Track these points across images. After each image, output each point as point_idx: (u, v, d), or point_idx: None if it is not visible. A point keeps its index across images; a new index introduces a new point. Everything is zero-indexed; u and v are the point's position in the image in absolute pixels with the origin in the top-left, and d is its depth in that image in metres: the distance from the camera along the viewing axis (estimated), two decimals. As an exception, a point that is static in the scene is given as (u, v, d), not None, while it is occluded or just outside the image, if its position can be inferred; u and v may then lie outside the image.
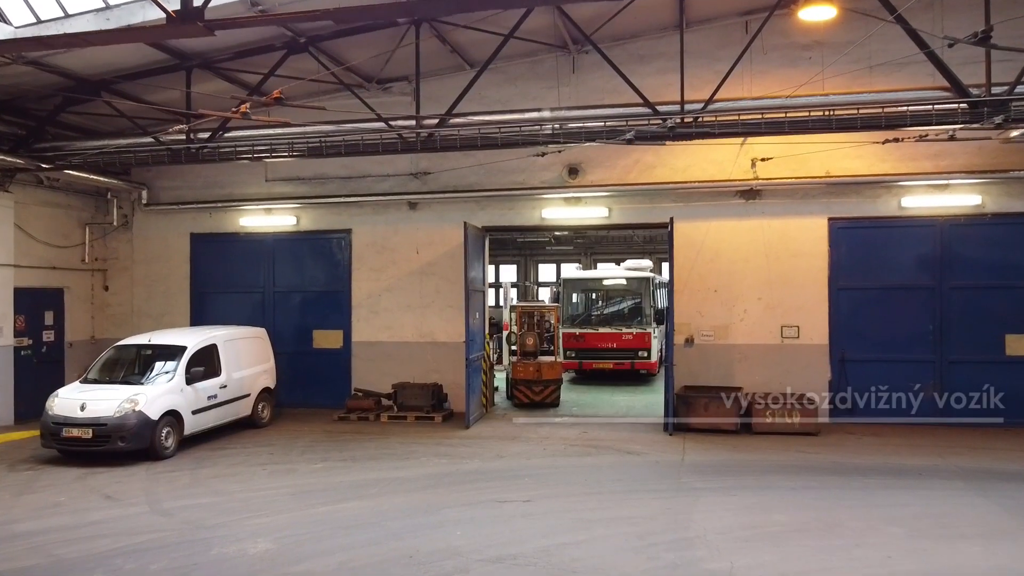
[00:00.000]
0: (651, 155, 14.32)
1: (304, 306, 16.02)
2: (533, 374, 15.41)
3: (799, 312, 13.80)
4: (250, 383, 13.25)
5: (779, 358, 13.85)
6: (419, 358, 15.23)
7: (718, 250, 14.10)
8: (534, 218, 14.94)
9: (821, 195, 13.74)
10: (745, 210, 14.01)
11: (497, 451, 11.45)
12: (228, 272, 16.36)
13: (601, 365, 18.94)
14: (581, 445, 11.82)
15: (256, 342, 13.79)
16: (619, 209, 14.60)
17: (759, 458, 10.90)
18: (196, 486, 9.67)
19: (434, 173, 15.08)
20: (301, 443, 12.22)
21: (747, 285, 13.99)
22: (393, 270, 15.45)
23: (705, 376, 14.02)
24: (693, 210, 14.03)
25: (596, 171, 14.54)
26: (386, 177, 15.37)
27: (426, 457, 11.09)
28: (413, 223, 15.34)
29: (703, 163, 14.09)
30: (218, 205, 16.08)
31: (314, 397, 15.63)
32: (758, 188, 13.82)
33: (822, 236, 13.74)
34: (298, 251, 16.08)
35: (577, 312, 20.37)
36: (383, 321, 15.47)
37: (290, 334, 15.90)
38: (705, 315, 14.16)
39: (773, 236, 13.90)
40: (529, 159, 14.65)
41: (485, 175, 14.89)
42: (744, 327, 14.01)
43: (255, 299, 16.18)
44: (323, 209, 15.79)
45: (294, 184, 15.83)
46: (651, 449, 11.49)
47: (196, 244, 16.46)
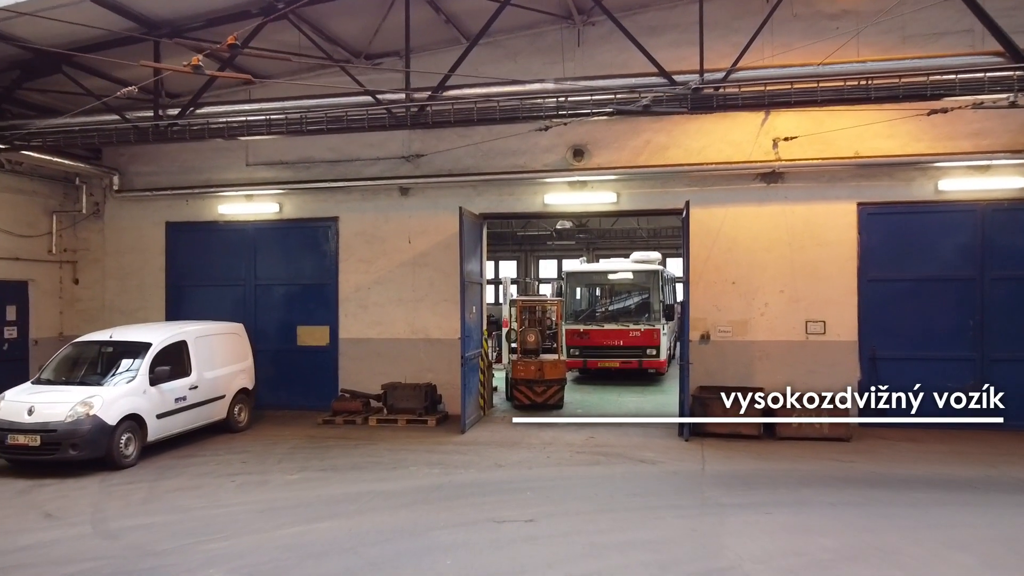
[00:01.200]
0: (663, 136, 13.17)
1: (288, 300, 14.86)
2: (534, 374, 14.25)
3: (825, 306, 12.64)
4: (225, 383, 12.09)
5: (803, 356, 12.68)
6: (411, 356, 14.08)
7: (736, 238, 12.94)
8: (536, 204, 13.77)
9: (850, 178, 12.57)
10: (766, 195, 12.84)
11: (495, 459, 10.29)
12: (206, 264, 15.21)
13: (607, 364, 17.77)
14: (588, 452, 10.66)
15: (232, 339, 12.62)
16: (628, 194, 13.43)
17: (788, 468, 9.74)
18: (153, 501, 8.51)
19: (427, 156, 13.91)
20: (279, 450, 11.06)
21: (768, 277, 12.83)
22: (383, 261, 14.29)
23: (722, 375, 12.84)
24: (709, 195, 12.87)
25: (603, 153, 13.38)
26: (376, 161, 14.22)
27: (416, 466, 9.93)
28: (405, 210, 14.18)
29: (720, 144, 12.94)
30: (195, 191, 14.92)
31: (298, 398, 14.49)
32: (781, 170, 12.65)
33: (851, 223, 12.57)
34: (281, 241, 14.92)
35: (581, 307, 19.21)
36: (372, 316, 14.32)
37: (273, 330, 14.77)
38: (722, 309, 12.99)
39: (797, 223, 12.73)
40: (530, 140, 13.52)
41: (482, 158, 13.75)
42: (765, 322, 12.84)
43: (235, 293, 15.03)
44: (308, 195, 14.63)
45: (277, 169, 14.67)
46: (666, 457, 10.33)
47: (172, 234, 15.30)
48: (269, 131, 11.57)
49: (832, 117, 12.44)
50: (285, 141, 14.49)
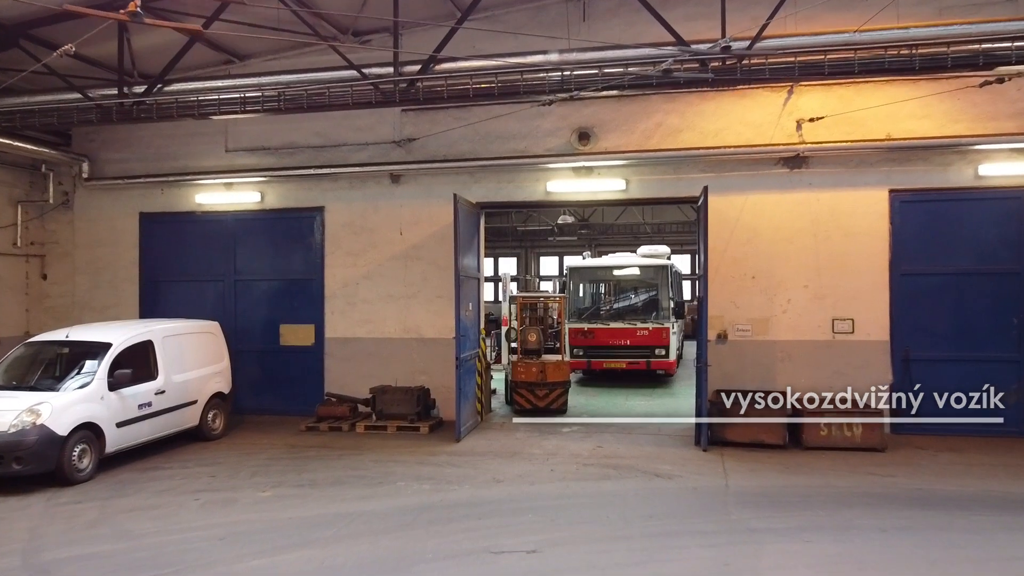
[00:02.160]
0: (676, 117, 12.10)
1: (270, 297, 13.79)
2: (536, 375, 13.19)
3: (854, 302, 11.57)
4: (197, 387, 11.03)
5: (829, 357, 11.61)
6: (403, 357, 13.01)
7: (756, 229, 11.87)
8: (537, 192, 12.69)
9: (881, 162, 11.49)
10: (789, 181, 11.77)
11: (493, 473, 9.23)
12: (183, 258, 14.13)
13: (613, 364, 16.71)
14: (597, 464, 9.60)
15: (206, 338, 11.56)
16: (638, 181, 12.36)
17: (821, 484, 8.67)
18: (101, 524, 7.45)
19: (420, 140, 12.85)
20: (254, 461, 10.00)
21: (791, 270, 11.76)
22: (373, 254, 13.22)
23: (740, 378, 11.78)
24: (726, 181, 11.80)
25: (611, 136, 12.31)
26: (365, 146, 13.16)
27: (405, 481, 8.87)
28: (396, 199, 13.11)
29: (738, 126, 11.88)
30: (171, 179, 13.84)
31: (280, 402, 13.44)
32: (805, 154, 11.58)
33: (882, 211, 11.50)
34: (263, 233, 13.84)
35: (585, 305, 18.15)
36: (361, 314, 13.25)
37: (254, 329, 13.71)
38: (740, 306, 11.92)
39: (822, 212, 11.66)
40: (531, 123, 12.49)
41: (480, 142, 12.68)
42: (787, 320, 11.77)
43: (214, 289, 13.96)
44: (292, 184, 13.55)
45: (259, 155, 13.60)
46: (684, 470, 9.27)
47: (146, 225, 14.23)
48: (243, 109, 10.51)
49: (861, 95, 11.43)
50: (267, 125, 13.48)
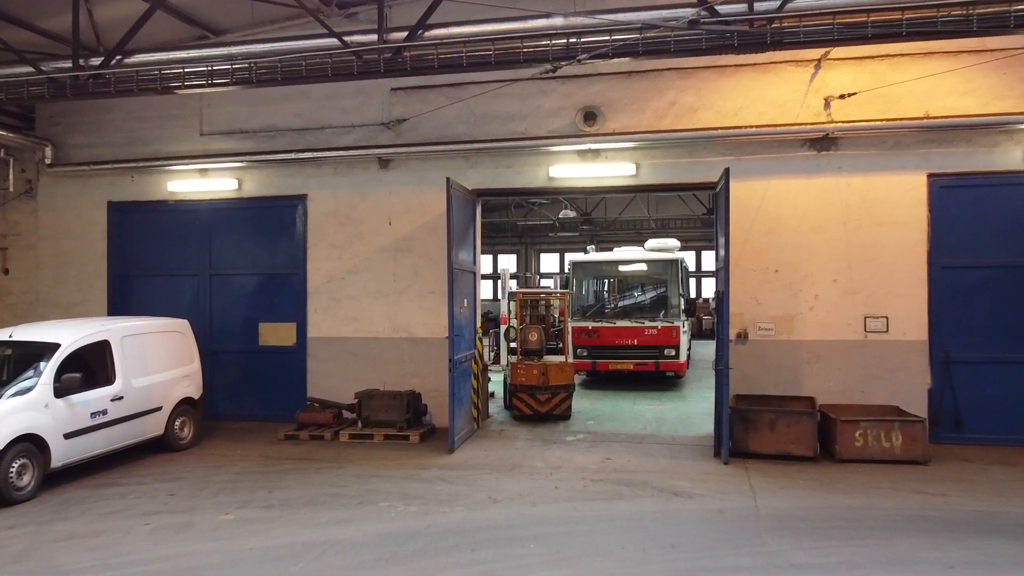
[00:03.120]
0: (691, 95, 11.03)
1: (248, 293, 12.70)
2: (537, 378, 12.11)
3: (888, 298, 10.49)
4: (162, 393, 9.95)
5: (861, 358, 10.54)
6: (392, 358, 11.94)
7: (780, 218, 10.79)
8: (539, 178, 11.59)
9: (918, 143, 10.41)
10: (816, 164, 10.69)
11: (490, 490, 8.14)
12: (155, 251, 13.04)
13: (619, 366, 15.62)
14: (607, 480, 8.51)
15: (173, 338, 10.47)
16: (649, 165, 11.26)
17: (865, 504, 7.58)
18: (29, 557, 6.35)
19: (411, 121, 11.76)
20: (222, 476, 8.92)
21: (818, 263, 10.68)
22: (359, 246, 12.14)
23: (763, 382, 10.73)
24: (747, 165, 10.71)
25: (619, 116, 11.22)
26: (351, 129, 12.07)
27: (389, 501, 7.78)
28: (385, 186, 12.02)
29: (760, 104, 10.81)
30: (141, 165, 12.75)
31: (259, 408, 12.39)
32: (834, 135, 10.50)
33: (919, 198, 10.42)
34: (241, 223, 12.74)
35: (590, 302, 17.06)
36: (347, 311, 12.17)
37: (231, 328, 12.65)
38: (762, 303, 10.84)
39: (853, 198, 10.58)
40: (532, 102, 11.40)
41: (476, 123, 11.60)
42: (815, 318, 10.69)
43: (188, 284, 12.88)
44: (272, 169, 12.46)
45: (236, 139, 12.52)
46: (706, 487, 8.18)
47: (115, 215, 13.14)
48: (211, 83, 9.37)
49: (896, 70, 10.37)
50: (245, 107, 12.42)
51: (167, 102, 12.67)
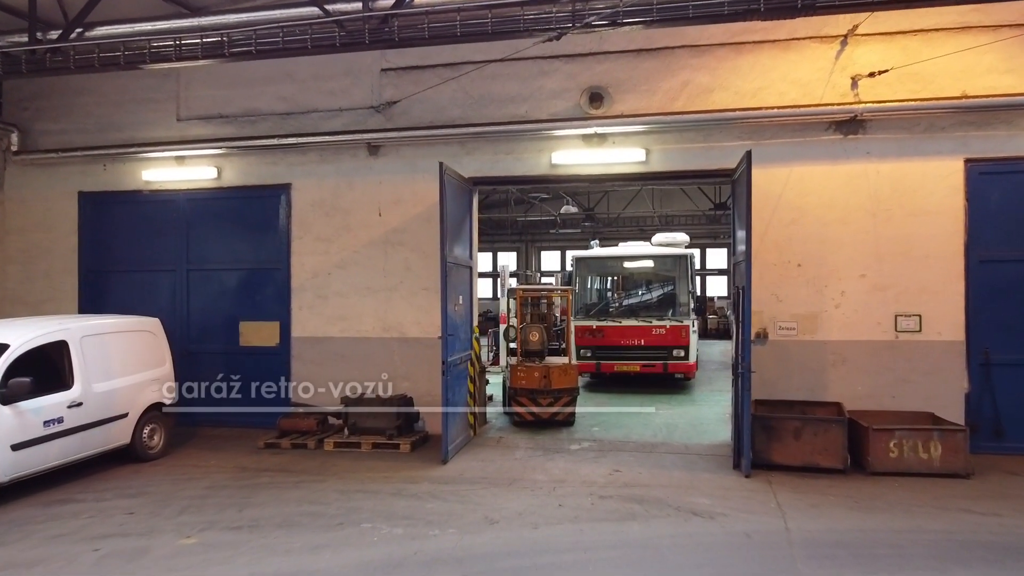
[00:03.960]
0: (705, 75, 10.16)
1: (228, 289, 11.83)
2: (539, 381, 11.24)
3: (921, 295, 9.62)
4: (128, 398, 9.09)
5: (892, 360, 9.68)
6: (382, 360, 11.07)
7: (803, 207, 9.92)
8: (541, 165, 10.72)
9: (954, 126, 9.53)
10: (842, 149, 9.82)
11: (486, 508, 7.28)
12: (129, 244, 12.18)
13: (625, 368, 14.76)
14: (617, 496, 7.65)
15: (142, 338, 9.61)
16: (660, 151, 10.39)
17: (909, 526, 6.73)
18: (-50, 592, 5.51)
19: (403, 103, 10.90)
20: (190, 491, 8.06)
21: (845, 257, 9.82)
22: (347, 239, 11.28)
23: (784, 385, 9.87)
24: (766, 150, 9.82)
25: (628, 98, 10.35)
26: (338, 112, 11.21)
27: (372, 522, 6.92)
28: (375, 174, 11.16)
29: (781, 84, 9.94)
30: (114, 152, 11.88)
31: (241, 412, 11.49)
32: (862, 117, 9.63)
33: (955, 185, 9.54)
34: (220, 215, 11.88)
35: (594, 300, 16.20)
36: (334, 309, 11.31)
37: (210, 327, 11.79)
38: (784, 300, 9.98)
39: (883, 186, 9.72)
40: (534, 83, 10.56)
41: (472, 106, 10.74)
42: (840, 316, 9.83)
43: (164, 281, 12.02)
44: (253, 157, 11.60)
45: (215, 124, 11.65)
46: (728, 505, 7.31)
47: (87, 207, 12.29)
48: (179, 56, 8.55)
49: (930, 45, 9.51)
50: (225, 90, 11.58)
51: (142, 85, 11.84)
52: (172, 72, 11.67)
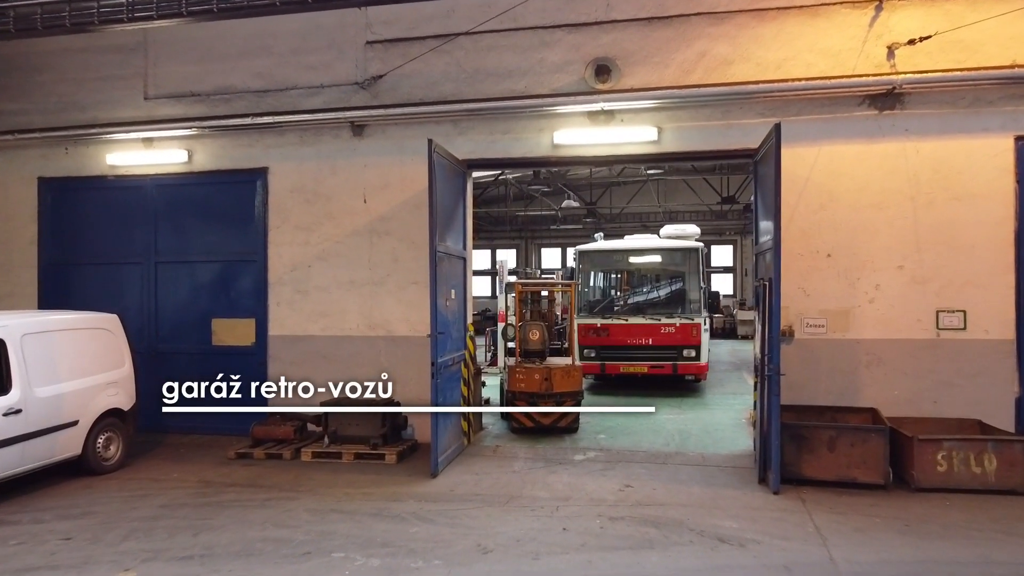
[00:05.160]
0: (724, 45, 9.16)
1: (200, 284, 10.84)
2: (539, 384, 10.26)
3: (966, 288, 8.63)
4: (80, 404, 8.10)
5: (933, 361, 8.68)
6: (368, 360, 10.08)
7: (833, 191, 8.93)
8: (542, 146, 9.72)
9: (1004, 99, 8.54)
10: (877, 126, 8.83)
11: (479, 533, 6.29)
12: (93, 235, 11.20)
13: (632, 369, 13.76)
14: (629, 518, 6.65)
15: (97, 337, 8.61)
16: (673, 129, 9.40)
17: (975, 557, 5.74)
18: None
19: (390, 77, 9.91)
20: (142, 511, 7.06)
21: (880, 246, 8.82)
22: (329, 228, 10.29)
23: (812, 388, 8.88)
24: (792, 128, 8.75)
25: (638, 71, 9.36)
26: (319, 89, 10.21)
27: (345, 550, 5.92)
28: (359, 156, 10.18)
29: (809, 55, 8.95)
30: (77, 134, 10.87)
31: (213, 418, 10.38)
32: (900, 89, 8.63)
33: (1005, 165, 8.54)
34: (191, 202, 10.88)
35: (598, 297, 15.21)
36: (314, 305, 10.32)
37: (181, 325, 10.81)
38: (811, 294, 8.99)
39: (923, 167, 8.72)
40: (534, 55, 9.57)
41: (467, 81, 9.75)
42: (875, 312, 8.83)
43: (131, 274, 11.03)
44: (227, 138, 10.61)
45: (186, 103, 10.66)
46: (758, 529, 6.32)
47: (47, 194, 11.29)
48: (131, 17, 7.55)
49: (975, 9, 8.53)
50: (196, 65, 10.61)
51: (106, 61, 10.87)
52: (139, 46, 10.74)
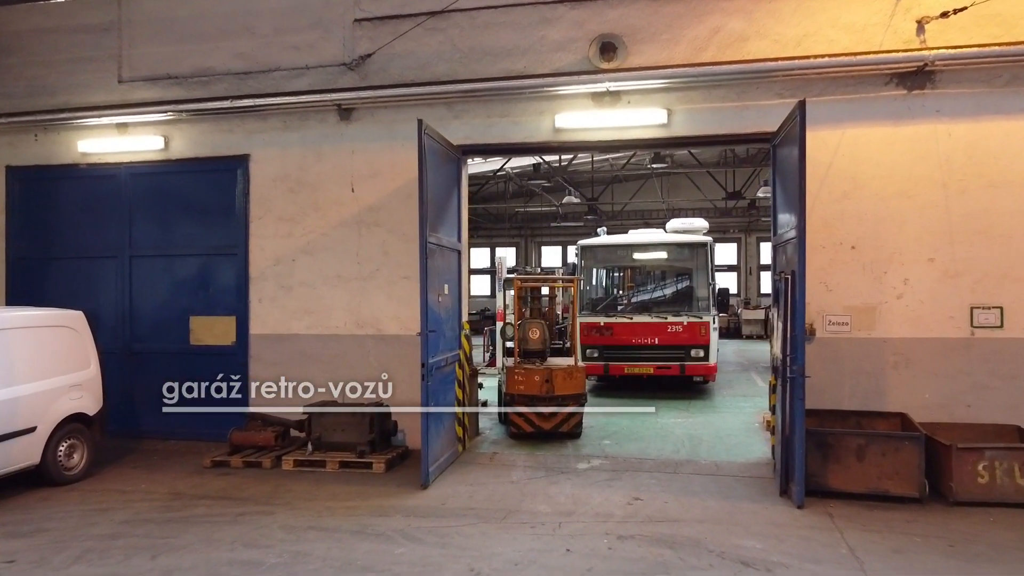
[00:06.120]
0: (739, 20, 8.49)
1: (178, 279, 10.15)
2: (540, 386, 9.58)
3: (1003, 283, 7.95)
4: (37, 409, 7.41)
5: (966, 362, 8.01)
6: (356, 361, 9.42)
7: (857, 178, 8.25)
8: (542, 130, 9.04)
9: (1044, 78, 7.88)
10: (906, 107, 8.15)
11: (472, 556, 5.61)
12: (64, 227, 10.52)
13: (637, 369, 13.07)
14: (640, 536, 5.97)
15: (59, 336, 7.92)
16: (685, 111, 8.72)
17: (1034, 583, 5.06)
18: None
19: (379, 56, 9.23)
20: (100, 527, 6.38)
21: (909, 237, 8.14)
22: (315, 220, 9.62)
23: (835, 391, 8.21)
24: (813, 110, 7.94)
25: (646, 49, 8.67)
26: (304, 71, 9.53)
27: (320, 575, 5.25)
28: (347, 142, 9.51)
29: (831, 30, 8.27)
30: (46, 119, 10.20)
31: (191, 423, 9.83)
32: (932, 66, 7.95)
33: (1045, 149, 7.89)
34: (168, 192, 10.20)
35: (601, 294, 14.53)
36: (299, 302, 9.65)
37: (157, 323, 10.15)
38: (834, 288, 8.31)
39: (956, 152, 8.05)
40: (534, 33, 8.89)
41: (462, 61, 9.07)
42: (904, 309, 8.15)
43: (104, 269, 10.36)
44: (206, 124, 9.94)
45: (163, 86, 9.98)
46: (785, 550, 5.64)
47: (15, 184, 10.64)
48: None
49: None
50: (174, 46, 9.97)
51: (77, 42, 10.21)
52: (112, 25, 10.09)
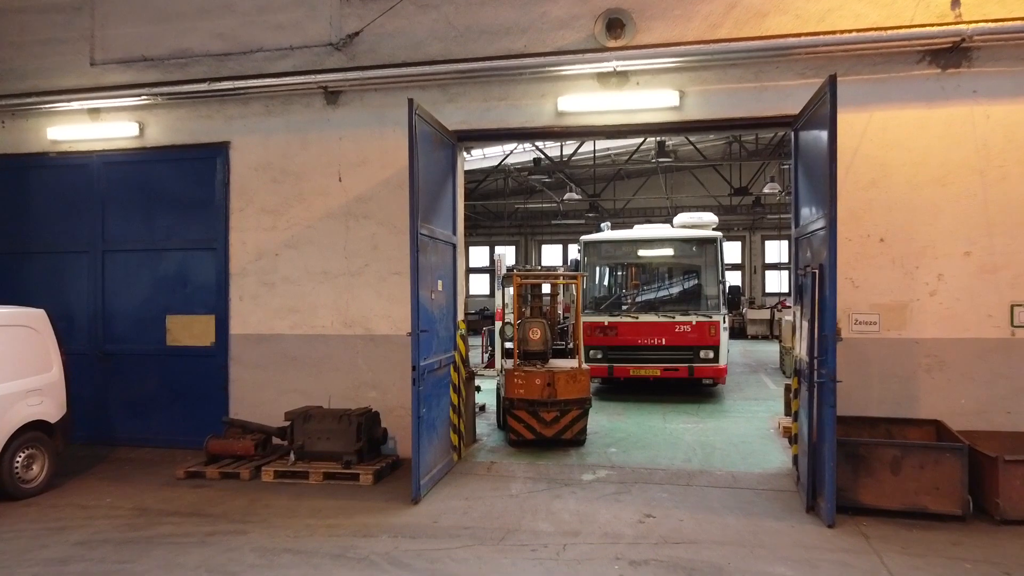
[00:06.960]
0: (758, -8, 7.82)
1: (154, 276, 9.48)
2: (541, 390, 8.91)
3: (1046, 278, 7.31)
4: (-10, 415, 6.76)
5: (1006, 365, 7.35)
6: (343, 363, 8.77)
7: (886, 164, 7.60)
8: (544, 114, 8.38)
9: (1092, 54, 7.23)
10: (940, 88, 7.49)
11: (466, 583, 4.95)
12: (33, 220, 9.86)
13: (643, 371, 12.40)
14: (655, 561, 5.31)
15: (17, 336, 7.25)
16: (698, 93, 8.05)
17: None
18: None
19: (368, 36, 8.58)
20: (51, 551, 5.72)
21: (943, 229, 7.49)
22: (299, 211, 8.96)
23: (862, 397, 7.55)
24: (839, 90, 7.42)
25: (656, 25, 8.01)
26: (288, 52, 8.88)
27: (293, 609, 4.59)
28: (333, 128, 8.85)
29: (857, 3, 7.64)
30: (13, 103, 9.56)
31: (167, 430, 9.23)
32: (969, 43, 7.29)
33: (1093, 133, 7.24)
34: (143, 182, 9.53)
35: (605, 292, 13.86)
36: (283, 300, 8.99)
37: (132, 322, 9.49)
38: (861, 285, 7.65)
39: (994, 136, 7.39)
40: (534, 9, 8.27)
41: (457, 39, 8.41)
42: (937, 307, 7.49)
43: (76, 265, 9.69)
44: (184, 109, 9.28)
45: (138, 68, 9.33)
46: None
47: (-19, 174, 9.99)
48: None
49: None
50: (150, 26, 9.31)
51: (47, 22, 9.58)
52: (84, 4, 9.47)
